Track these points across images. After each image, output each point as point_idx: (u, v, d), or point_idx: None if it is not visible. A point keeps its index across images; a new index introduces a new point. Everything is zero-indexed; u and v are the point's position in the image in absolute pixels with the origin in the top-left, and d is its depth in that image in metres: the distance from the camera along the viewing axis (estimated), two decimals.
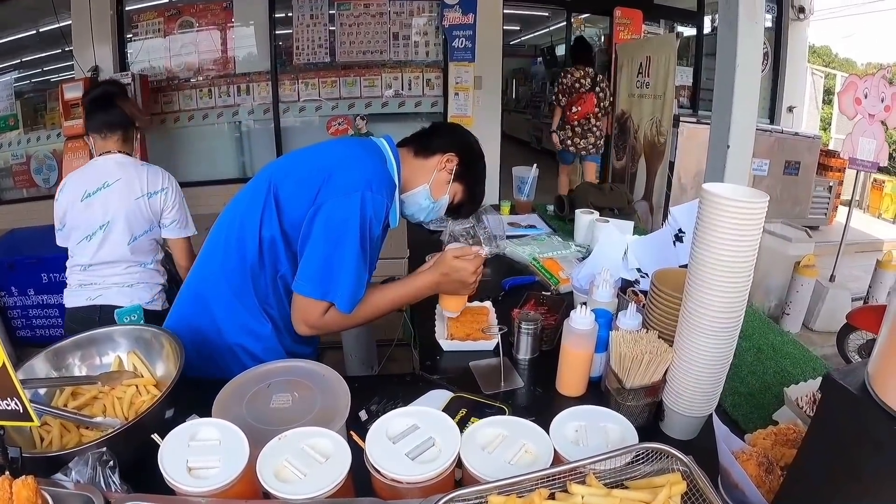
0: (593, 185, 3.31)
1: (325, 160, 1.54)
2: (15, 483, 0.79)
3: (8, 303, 4.05)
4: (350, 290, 1.45)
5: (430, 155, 1.65)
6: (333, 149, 1.63)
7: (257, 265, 1.53)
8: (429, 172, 1.65)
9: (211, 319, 1.58)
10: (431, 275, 1.60)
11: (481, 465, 0.89)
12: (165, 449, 0.93)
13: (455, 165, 1.65)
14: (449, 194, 1.68)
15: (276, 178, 1.53)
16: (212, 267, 1.59)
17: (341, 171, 1.47)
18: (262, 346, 1.59)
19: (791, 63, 7.84)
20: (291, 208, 1.48)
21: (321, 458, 0.90)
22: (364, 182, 1.44)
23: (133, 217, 2.23)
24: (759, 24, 2.68)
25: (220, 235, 1.59)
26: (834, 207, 6.84)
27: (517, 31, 13.58)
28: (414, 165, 1.65)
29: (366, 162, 1.52)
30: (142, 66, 6.67)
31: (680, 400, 1.19)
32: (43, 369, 1.32)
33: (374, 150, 1.59)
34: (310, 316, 1.49)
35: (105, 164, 2.24)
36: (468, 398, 1.38)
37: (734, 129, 2.80)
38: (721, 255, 1.01)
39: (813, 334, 4.32)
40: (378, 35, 6.75)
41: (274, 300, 1.59)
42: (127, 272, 2.28)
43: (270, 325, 1.59)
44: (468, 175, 1.68)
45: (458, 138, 1.70)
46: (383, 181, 1.50)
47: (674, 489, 0.82)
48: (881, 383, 0.66)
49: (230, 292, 1.55)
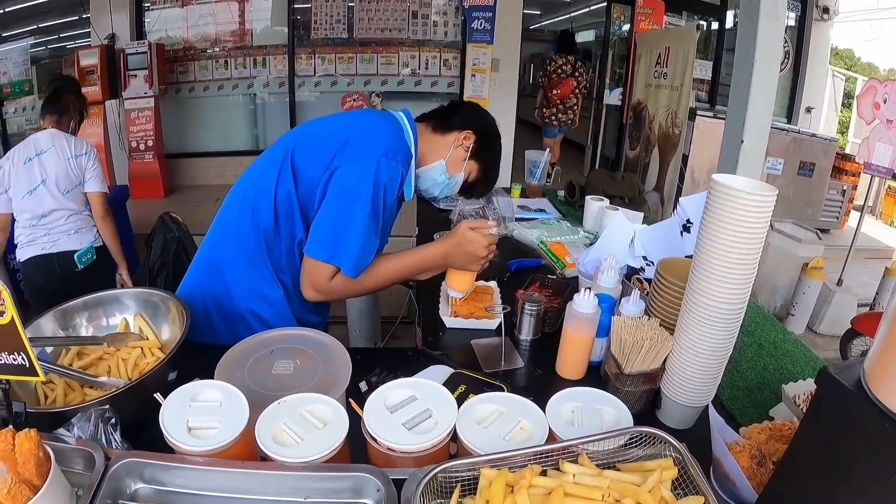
0: (606, 173, 3.31)
1: (342, 127, 1.55)
2: (18, 436, 0.80)
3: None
4: (356, 254, 1.45)
5: (448, 131, 1.65)
6: (351, 117, 1.66)
7: (272, 230, 1.54)
8: (446, 148, 1.65)
9: (223, 284, 1.60)
10: (442, 244, 1.59)
11: (476, 438, 0.91)
12: (167, 408, 0.95)
13: (472, 143, 1.65)
14: (464, 172, 1.68)
15: (292, 144, 1.54)
16: (226, 232, 1.61)
17: (358, 138, 1.49)
18: (273, 312, 1.61)
19: (812, 63, 7.78)
20: (307, 173, 1.49)
21: (319, 424, 0.92)
22: (381, 148, 1.45)
23: (64, 174, 2.77)
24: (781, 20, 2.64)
25: (234, 202, 1.60)
26: (846, 212, 6.80)
27: (538, 15, 13.46)
28: (431, 140, 1.65)
29: (382, 129, 1.53)
30: (158, 35, 6.66)
31: (677, 389, 1.20)
32: (50, 328, 1.35)
33: (392, 121, 1.59)
34: (316, 279, 1.49)
35: (42, 135, 2.82)
36: (468, 375, 1.40)
37: (749, 125, 2.78)
38: (727, 247, 1.02)
39: (816, 337, 4.32)
40: (397, 13, 6.74)
41: (287, 266, 1.60)
42: (69, 221, 2.84)
43: (282, 291, 1.60)
44: (484, 154, 1.68)
45: (477, 117, 1.69)
46: (399, 149, 1.51)
47: (664, 474, 0.82)
48: (876, 380, 0.66)
49: (243, 257, 1.57)
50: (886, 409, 0.64)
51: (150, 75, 6.14)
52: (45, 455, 0.83)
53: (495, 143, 1.72)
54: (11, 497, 0.76)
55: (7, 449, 0.80)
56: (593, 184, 3.08)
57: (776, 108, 7.63)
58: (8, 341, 0.90)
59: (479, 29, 6.37)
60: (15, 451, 0.79)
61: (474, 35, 6.40)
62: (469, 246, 1.55)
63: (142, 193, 6.08)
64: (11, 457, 0.79)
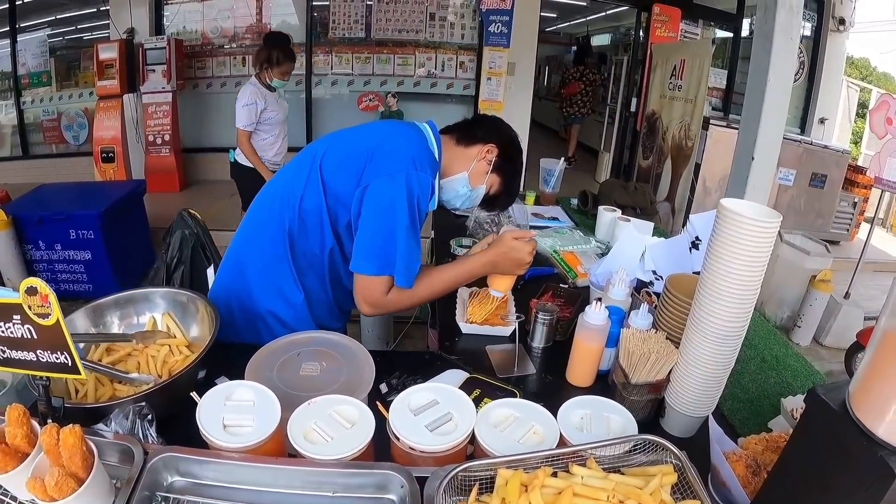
0: (619, 183, 3.35)
1: (368, 138, 1.58)
2: (62, 431, 0.85)
3: (35, 256, 4.14)
4: (404, 263, 1.50)
5: (471, 143, 1.68)
6: (378, 128, 1.68)
7: (297, 236, 1.59)
8: (469, 160, 1.67)
9: (246, 285, 1.65)
10: (488, 254, 1.63)
11: (493, 441, 0.97)
12: (203, 406, 1.01)
13: (495, 157, 1.67)
14: (486, 184, 1.71)
15: (321, 154, 1.58)
16: (253, 235, 1.66)
17: (384, 150, 1.52)
18: (293, 315, 1.65)
19: (827, 74, 7.75)
20: (336, 185, 1.54)
21: (347, 424, 0.98)
22: (409, 160, 1.49)
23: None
24: (795, 40, 2.68)
25: (263, 206, 1.65)
26: (857, 224, 6.77)
27: (554, 18, 13.47)
28: (455, 152, 1.68)
29: (408, 140, 1.57)
30: (177, 30, 6.72)
31: (680, 399, 1.25)
32: (82, 324, 1.40)
33: (417, 131, 1.63)
34: (371, 294, 1.53)
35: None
36: (483, 380, 1.45)
37: (760, 143, 2.82)
38: (731, 268, 1.07)
39: (822, 349, 4.32)
40: (415, 14, 6.77)
41: (310, 271, 1.64)
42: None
43: (303, 296, 1.65)
44: (507, 168, 1.71)
45: (501, 131, 1.72)
46: (426, 158, 1.55)
47: (665, 479, 0.89)
48: (859, 402, 0.72)
49: (268, 260, 1.62)
50: (866, 429, 0.70)
51: (168, 70, 6.22)
52: (88, 449, 0.87)
53: (517, 157, 1.74)
54: (59, 489, 0.81)
55: (52, 443, 0.84)
56: (606, 193, 3.13)
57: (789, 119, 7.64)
58: (52, 341, 0.95)
59: (496, 32, 6.40)
60: (59, 445, 0.84)
61: (491, 38, 6.43)
62: (514, 253, 1.61)
63: (158, 187, 6.17)
64: (56, 450, 0.84)
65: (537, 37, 6.79)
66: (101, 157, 6.22)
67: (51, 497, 0.82)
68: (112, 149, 6.20)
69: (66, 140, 7.08)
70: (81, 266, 4.20)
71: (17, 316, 0.93)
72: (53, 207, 4.15)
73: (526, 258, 1.62)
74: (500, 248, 1.62)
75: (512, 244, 1.61)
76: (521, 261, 1.62)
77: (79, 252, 4.14)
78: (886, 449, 0.67)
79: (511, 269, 1.65)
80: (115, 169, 6.22)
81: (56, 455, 0.85)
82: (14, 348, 0.97)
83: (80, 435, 0.86)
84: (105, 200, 4.24)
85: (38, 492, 0.82)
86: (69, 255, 4.16)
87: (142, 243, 4.67)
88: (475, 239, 2.42)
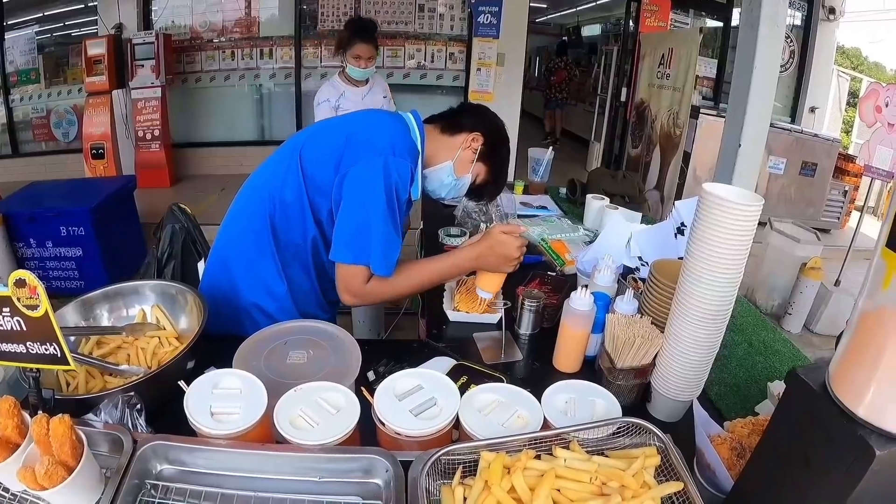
0: (607, 172, 3.36)
1: (346, 126, 1.58)
2: (52, 421, 0.86)
3: (26, 254, 4.13)
4: (380, 251, 1.48)
5: (456, 132, 1.66)
6: (357, 117, 1.68)
7: (280, 226, 1.59)
8: (454, 149, 1.66)
9: (230, 279, 1.65)
10: (475, 247, 1.61)
11: (477, 425, 0.98)
12: (191, 395, 1.02)
13: (480, 145, 1.66)
14: (472, 174, 1.70)
15: (300, 144, 1.58)
16: (235, 227, 1.66)
17: (361, 137, 1.52)
18: (277, 306, 1.65)
19: (817, 64, 7.78)
20: (316, 173, 1.54)
21: (333, 410, 0.99)
22: (387, 147, 1.48)
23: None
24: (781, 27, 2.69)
25: (245, 198, 1.66)
26: (847, 212, 6.80)
27: (544, 8, 13.47)
28: (439, 141, 1.67)
29: (386, 127, 1.56)
30: (165, 25, 6.70)
31: (666, 383, 1.26)
32: (72, 318, 1.40)
33: (397, 119, 1.62)
34: (350, 283, 1.52)
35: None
36: (470, 366, 1.46)
37: (746, 131, 2.83)
38: (714, 252, 1.08)
39: (813, 336, 4.34)
40: (404, 5, 6.77)
41: (293, 261, 1.64)
42: None
43: (286, 286, 1.65)
44: (492, 156, 1.69)
45: (486, 119, 1.70)
46: (405, 146, 1.53)
47: (648, 461, 0.90)
48: (839, 382, 0.73)
49: (251, 251, 1.62)
50: (845, 408, 0.71)
51: (157, 65, 6.20)
52: (77, 438, 0.88)
53: (503, 146, 1.72)
54: (48, 477, 0.82)
55: (42, 433, 0.85)
56: (594, 182, 3.14)
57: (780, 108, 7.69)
58: (41, 333, 0.96)
59: (486, 23, 6.40)
60: (49, 435, 0.85)
61: (480, 29, 6.43)
62: (502, 248, 1.59)
63: (148, 182, 6.15)
64: (46, 440, 0.85)
65: (527, 27, 6.79)
66: (92, 154, 6.19)
67: (41, 486, 0.83)
68: (102, 145, 6.17)
69: (55, 137, 7.04)
70: (73, 263, 4.19)
71: (7, 308, 0.94)
72: (44, 204, 4.15)
73: (514, 253, 1.60)
74: (487, 242, 1.60)
75: (499, 238, 1.59)
76: (508, 256, 1.60)
77: (70, 249, 4.14)
78: (866, 428, 0.68)
79: (498, 265, 1.62)
80: (106, 165, 6.19)
81: (46, 445, 0.85)
82: (4, 341, 0.98)
83: (70, 424, 0.87)
84: (96, 196, 4.23)
85: (29, 481, 0.83)
86: (60, 252, 4.16)
87: (133, 239, 4.65)
88: (463, 229, 2.42)
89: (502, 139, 1.72)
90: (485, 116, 1.71)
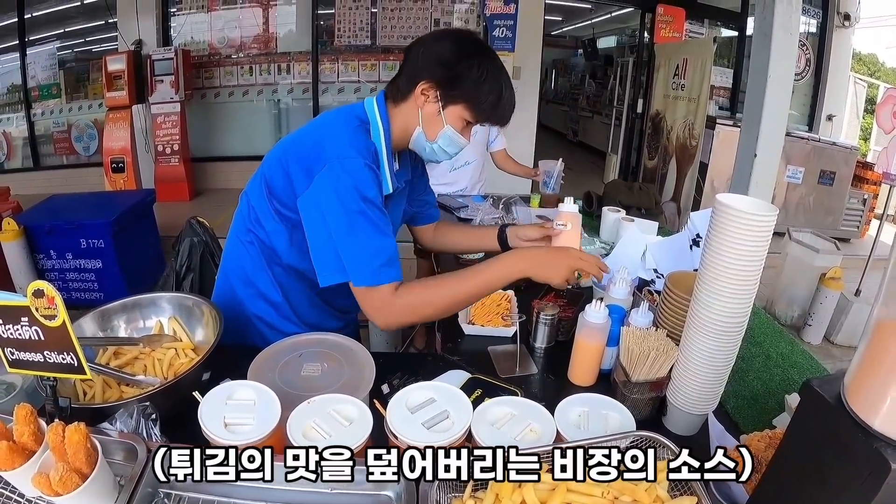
0: (623, 184, 3.36)
1: (297, 144, 1.47)
2: (67, 428, 0.87)
3: (46, 265, 4.20)
4: (359, 260, 1.33)
5: (405, 95, 1.45)
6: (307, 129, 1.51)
7: (263, 238, 1.56)
8: (414, 113, 1.44)
9: (232, 291, 1.66)
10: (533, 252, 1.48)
11: (489, 438, 0.97)
12: (205, 405, 1.02)
13: (435, 91, 1.41)
14: (449, 124, 1.44)
15: (266, 160, 1.53)
16: (232, 240, 1.66)
17: (307, 151, 1.41)
18: (278, 315, 1.64)
19: (833, 71, 7.72)
20: (280, 193, 1.47)
21: (345, 422, 0.99)
22: (331, 154, 1.34)
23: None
24: (794, 35, 2.68)
25: (238, 211, 1.64)
26: (867, 221, 6.73)
27: (559, 21, 13.51)
28: (399, 113, 1.47)
29: (328, 133, 1.42)
30: (184, 41, 6.81)
31: (681, 396, 1.25)
32: (90, 329, 1.43)
33: (345, 118, 1.46)
34: (365, 304, 1.38)
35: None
36: (484, 380, 1.46)
37: (762, 140, 2.81)
38: (728, 263, 1.07)
39: (833, 347, 4.28)
40: (420, 20, 6.82)
41: (286, 270, 1.60)
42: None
43: (281, 295, 1.62)
44: (461, 90, 1.40)
45: (426, 56, 1.41)
46: (351, 144, 1.37)
47: (661, 475, 0.89)
48: (854, 394, 0.72)
49: (246, 263, 1.61)
50: (861, 421, 0.70)
51: (176, 81, 6.30)
52: (92, 446, 0.89)
53: (469, 70, 1.38)
54: (63, 484, 0.83)
55: (58, 440, 0.87)
56: (610, 194, 3.13)
57: (797, 116, 7.63)
58: (59, 342, 0.97)
59: (501, 37, 6.42)
60: (64, 442, 0.86)
61: (496, 43, 6.45)
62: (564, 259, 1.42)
63: (168, 196, 6.23)
64: (61, 447, 0.86)
65: (542, 40, 6.81)
66: (112, 168, 6.29)
67: (55, 492, 0.84)
68: (122, 159, 6.26)
69: (76, 151, 7.17)
70: (92, 275, 4.25)
71: (25, 318, 0.96)
72: (64, 217, 4.21)
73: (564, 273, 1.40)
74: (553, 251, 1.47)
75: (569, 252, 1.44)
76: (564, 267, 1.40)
77: (90, 261, 4.20)
78: (882, 441, 0.67)
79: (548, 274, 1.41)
80: (125, 179, 6.28)
81: (61, 452, 0.87)
82: (22, 350, 1.00)
83: (85, 432, 0.88)
84: (115, 210, 4.29)
85: (44, 487, 0.84)
86: (80, 264, 4.22)
87: (152, 251, 4.71)
88: None
89: (459, 61, 1.38)
90: (423, 55, 1.42)
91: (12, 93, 6.99)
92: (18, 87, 6.94)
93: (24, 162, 7.16)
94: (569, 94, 13.53)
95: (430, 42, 1.43)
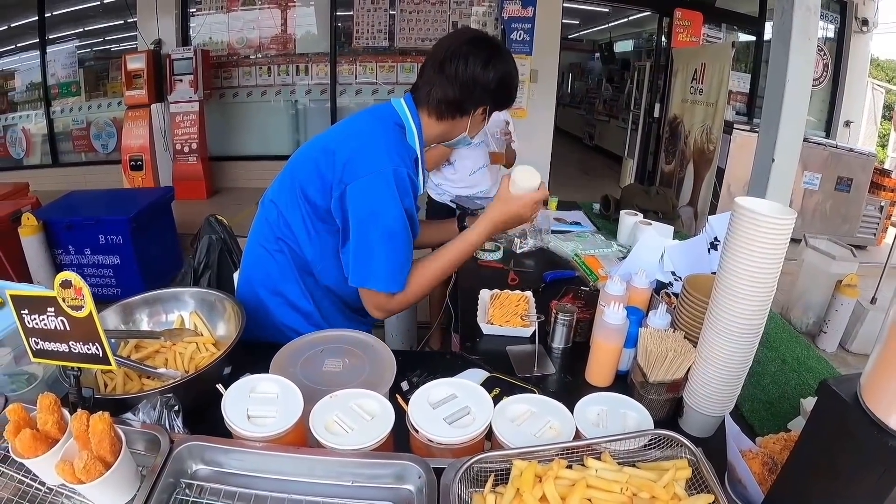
0: (640, 188, 3.36)
1: (340, 144, 1.50)
2: (92, 417, 0.88)
3: (65, 260, 4.26)
4: (385, 274, 1.46)
5: (463, 115, 1.57)
6: (346, 130, 1.58)
7: (294, 248, 1.58)
8: (463, 124, 1.60)
9: (257, 299, 1.65)
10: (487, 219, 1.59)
11: (509, 434, 0.99)
12: (228, 398, 1.04)
13: (487, 108, 1.59)
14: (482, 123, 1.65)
15: (296, 165, 1.57)
16: (257, 250, 1.65)
17: (359, 155, 1.45)
18: (308, 323, 1.64)
19: (851, 76, 7.67)
20: (316, 197, 1.51)
21: (367, 417, 1.01)
22: (384, 160, 1.42)
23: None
24: (813, 40, 2.67)
25: (261, 219, 1.64)
26: (884, 228, 6.65)
27: (576, 24, 13.49)
28: (441, 125, 1.60)
29: (381, 138, 1.49)
30: (203, 41, 6.86)
31: (698, 398, 1.25)
32: (112, 321, 1.45)
33: (388, 122, 1.54)
34: (372, 303, 1.54)
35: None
36: (503, 379, 1.47)
37: (780, 145, 2.80)
38: (747, 266, 1.07)
39: (848, 355, 4.24)
40: (437, 23, 6.84)
41: (317, 280, 1.63)
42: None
43: (313, 304, 1.65)
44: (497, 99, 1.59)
45: (488, 86, 1.53)
46: (401, 153, 1.47)
47: (679, 473, 0.90)
48: (870, 394, 0.73)
49: (275, 273, 1.62)
50: (878, 420, 0.70)
51: (195, 80, 6.36)
52: (116, 436, 0.90)
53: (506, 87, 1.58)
54: (87, 472, 0.84)
55: (82, 428, 0.88)
56: (628, 198, 3.13)
57: (814, 122, 7.58)
58: (84, 333, 0.99)
59: (518, 40, 6.44)
60: (88, 431, 0.87)
61: (513, 46, 6.47)
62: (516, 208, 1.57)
63: (185, 194, 6.28)
64: (85, 435, 0.88)
65: (559, 44, 6.81)
66: (130, 165, 6.36)
67: (79, 479, 0.85)
68: (140, 157, 6.33)
69: (95, 148, 7.25)
70: (110, 270, 4.31)
71: (52, 308, 0.98)
72: (83, 213, 4.27)
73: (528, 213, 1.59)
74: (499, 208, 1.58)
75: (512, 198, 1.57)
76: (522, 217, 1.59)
77: (108, 257, 4.25)
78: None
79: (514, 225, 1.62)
80: (144, 176, 6.35)
81: (85, 440, 0.88)
82: (47, 340, 1.02)
83: (109, 421, 0.89)
84: (134, 207, 4.34)
85: (67, 474, 0.85)
86: (98, 260, 4.28)
87: (170, 248, 4.76)
88: (497, 243, 2.44)
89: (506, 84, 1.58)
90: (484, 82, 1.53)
91: (32, 90, 7.09)
92: (38, 84, 7.04)
93: (43, 159, 7.25)
94: (585, 98, 13.51)
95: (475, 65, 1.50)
